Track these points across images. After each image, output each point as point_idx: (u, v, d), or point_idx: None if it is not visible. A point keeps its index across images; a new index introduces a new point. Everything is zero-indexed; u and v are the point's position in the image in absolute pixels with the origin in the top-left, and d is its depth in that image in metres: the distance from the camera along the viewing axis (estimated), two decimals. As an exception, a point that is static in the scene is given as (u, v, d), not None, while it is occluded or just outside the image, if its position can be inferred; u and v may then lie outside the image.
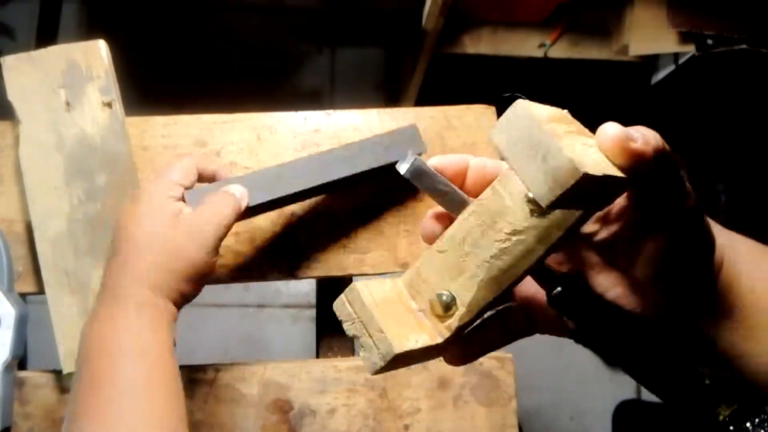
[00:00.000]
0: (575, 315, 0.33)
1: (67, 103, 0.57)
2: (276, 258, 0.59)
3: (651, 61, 1.25)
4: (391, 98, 1.52)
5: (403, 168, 0.35)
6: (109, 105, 0.58)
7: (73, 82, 0.58)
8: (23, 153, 0.56)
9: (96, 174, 0.57)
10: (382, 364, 0.29)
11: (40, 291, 0.56)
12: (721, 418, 0.37)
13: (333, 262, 0.59)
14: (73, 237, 0.55)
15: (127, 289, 0.43)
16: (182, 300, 0.45)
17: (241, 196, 0.48)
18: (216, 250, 0.46)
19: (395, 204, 0.61)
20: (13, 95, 0.57)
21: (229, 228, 0.46)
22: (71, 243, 0.55)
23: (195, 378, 0.57)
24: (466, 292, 0.31)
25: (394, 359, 0.29)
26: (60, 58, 0.58)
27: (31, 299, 0.57)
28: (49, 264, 0.55)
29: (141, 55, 1.56)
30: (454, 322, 0.31)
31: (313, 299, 1.47)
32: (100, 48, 0.59)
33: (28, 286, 0.57)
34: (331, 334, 0.64)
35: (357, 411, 0.58)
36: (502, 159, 0.28)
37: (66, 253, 0.55)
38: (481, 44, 1.25)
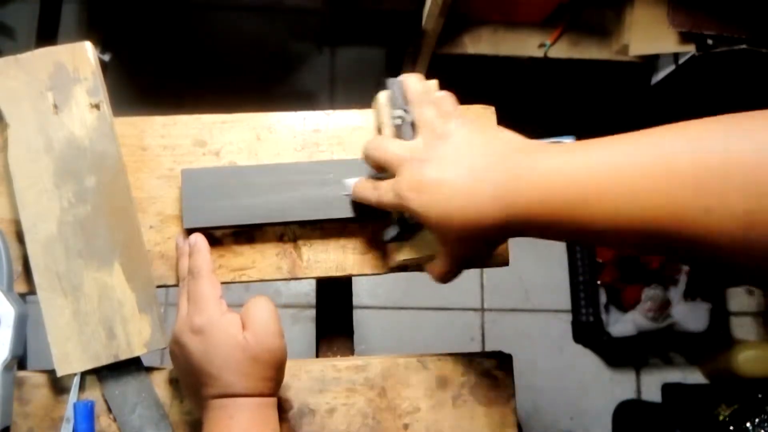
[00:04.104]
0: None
1: (55, 106, 0.57)
2: (276, 258, 0.59)
3: (651, 61, 1.25)
4: (391, 98, 1.52)
5: (389, 234, 0.56)
6: (96, 107, 0.58)
7: (60, 84, 0.57)
8: (12, 156, 0.56)
9: (85, 176, 0.56)
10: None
11: (33, 291, 0.56)
12: (721, 418, 0.37)
13: (333, 262, 0.59)
14: (64, 239, 0.55)
15: (235, 401, 0.48)
16: (277, 385, 0.51)
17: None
18: (282, 333, 0.51)
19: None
20: (0, 99, 0.57)
21: (278, 315, 0.51)
22: (62, 245, 0.55)
23: (194, 378, 0.57)
24: None
25: None
26: (47, 60, 0.58)
27: (30, 299, 0.57)
28: (41, 267, 0.55)
29: (141, 55, 1.56)
30: None
31: (313, 299, 1.47)
32: (87, 50, 0.58)
33: (20, 287, 0.57)
34: (330, 334, 0.64)
35: (356, 410, 0.58)
36: None
37: (57, 256, 0.55)
38: (481, 44, 1.25)
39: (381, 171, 0.53)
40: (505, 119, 0.65)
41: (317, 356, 0.63)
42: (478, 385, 0.59)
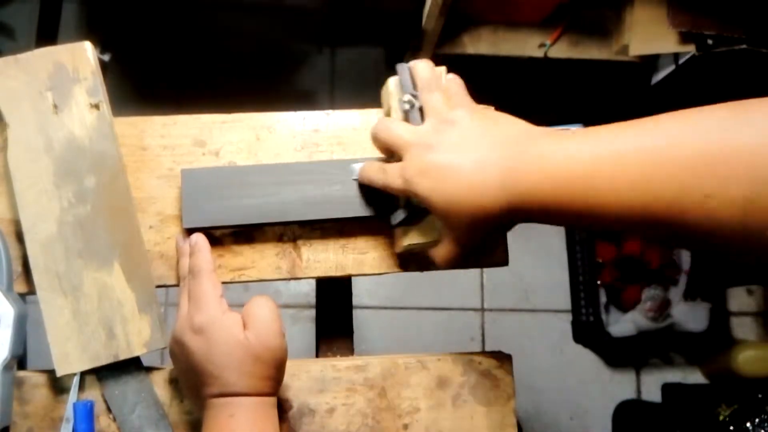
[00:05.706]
0: None
1: (55, 106, 0.57)
2: (275, 258, 0.59)
3: (651, 61, 1.25)
4: (391, 98, 1.52)
5: (396, 219, 0.55)
6: (96, 107, 0.58)
7: (60, 84, 0.57)
8: (11, 156, 0.56)
9: (85, 176, 0.56)
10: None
11: (33, 291, 0.56)
12: (721, 418, 0.37)
13: (332, 262, 0.59)
14: (64, 239, 0.55)
15: (235, 400, 0.48)
16: (277, 385, 0.51)
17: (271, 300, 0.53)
18: (282, 333, 0.51)
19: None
20: (0, 99, 0.57)
21: (279, 314, 0.51)
22: (62, 245, 0.55)
23: (194, 378, 0.57)
24: None
25: None
26: (46, 60, 0.58)
27: (30, 299, 0.57)
28: (41, 267, 0.55)
29: (141, 55, 1.56)
30: None
31: (312, 299, 1.47)
32: (87, 50, 0.58)
33: (20, 287, 0.57)
34: (330, 334, 0.64)
35: (356, 410, 0.58)
36: None
37: (57, 256, 0.55)
38: (481, 44, 1.25)
39: (388, 154, 0.54)
40: (504, 119, 0.65)
41: (317, 356, 0.63)
42: (478, 386, 0.59)
